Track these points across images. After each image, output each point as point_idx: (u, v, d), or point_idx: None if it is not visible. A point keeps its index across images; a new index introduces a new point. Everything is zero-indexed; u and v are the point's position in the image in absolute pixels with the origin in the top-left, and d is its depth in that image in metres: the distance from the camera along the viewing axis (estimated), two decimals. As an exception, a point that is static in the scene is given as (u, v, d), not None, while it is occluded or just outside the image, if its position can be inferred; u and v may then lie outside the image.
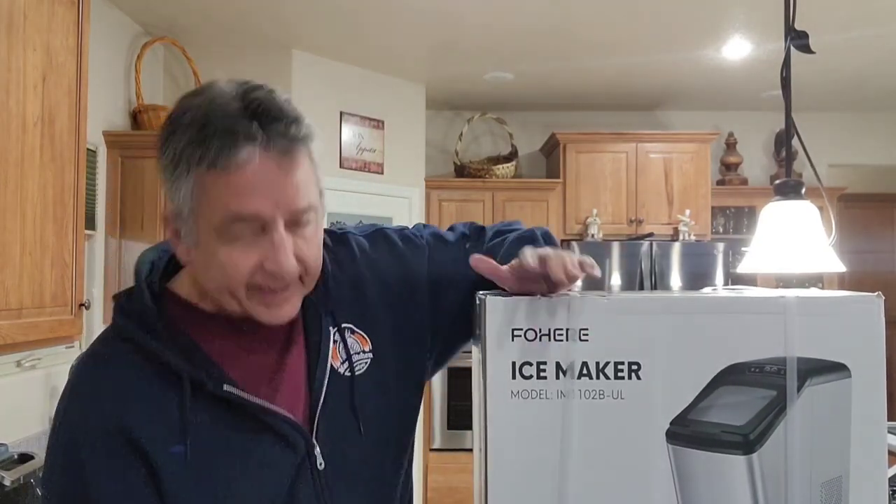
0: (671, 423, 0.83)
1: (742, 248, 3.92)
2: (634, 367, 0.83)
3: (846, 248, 5.72)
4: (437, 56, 4.01)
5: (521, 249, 0.85)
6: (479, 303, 0.87)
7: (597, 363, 0.83)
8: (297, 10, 3.32)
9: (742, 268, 1.74)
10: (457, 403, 4.41)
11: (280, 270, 0.83)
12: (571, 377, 0.83)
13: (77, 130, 2.02)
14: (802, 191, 1.68)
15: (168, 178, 0.83)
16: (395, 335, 1.01)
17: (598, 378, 0.83)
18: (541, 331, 0.83)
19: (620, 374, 0.83)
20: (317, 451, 0.90)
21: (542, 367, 0.83)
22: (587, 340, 0.83)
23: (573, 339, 0.83)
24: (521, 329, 0.83)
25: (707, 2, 3.19)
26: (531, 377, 0.83)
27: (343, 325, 0.97)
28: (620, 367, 0.83)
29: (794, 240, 1.63)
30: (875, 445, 0.84)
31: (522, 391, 0.83)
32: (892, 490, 1.84)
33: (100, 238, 3.08)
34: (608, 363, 0.83)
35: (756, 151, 5.16)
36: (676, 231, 4.52)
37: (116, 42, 3.27)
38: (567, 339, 0.83)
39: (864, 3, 3.19)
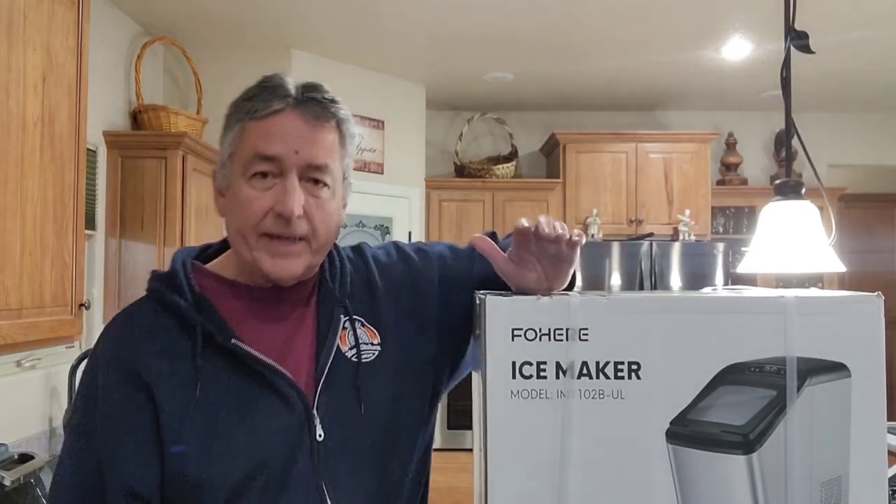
0: (671, 423, 0.83)
1: (742, 248, 3.92)
2: (634, 367, 0.83)
3: (846, 248, 5.72)
4: (437, 56, 4.01)
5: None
6: (479, 303, 0.87)
7: (597, 363, 0.83)
8: (297, 10, 3.32)
9: (742, 268, 1.74)
10: (457, 403, 4.40)
11: (286, 212, 0.91)
12: (571, 377, 0.83)
13: (77, 130, 2.02)
14: (802, 191, 1.68)
15: (223, 135, 0.98)
16: (405, 337, 1.05)
17: (598, 378, 0.83)
18: (541, 330, 0.83)
19: (620, 374, 0.83)
20: (317, 422, 0.94)
21: (542, 367, 0.83)
22: (587, 340, 0.83)
23: (573, 339, 0.83)
24: (521, 329, 0.83)
25: (707, 2, 3.19)
26: (531, 377, 0.83)
27: (354, 317, 1.02)
28: (620, 367, 0.83)
29: (794, 240, 1.63)
30: (875, 445, 0.84)
31: (522, 391, 0.83)
32: (892, 490, 1.84)
33: (100, 238, 3.08)
34: (608, 363, 0.83)
35: (756, 151, 5.16)
36: (676, 231, 4.52)
37: (116, 42, 3.27)
38: (567, 339, 0.83)
39: (864, 4, 3.19)
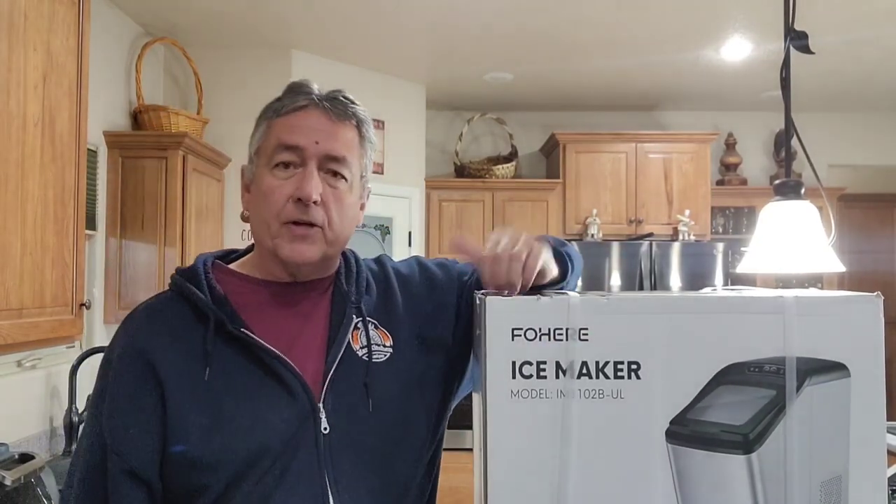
0: (671, 423, 0.83)
1: (741, 249, 3.92)
2: (634, 367, 0.83)
3: (846, 248, 5.72)
4: (437, 56, 4.01)
5: (491, 234, 0.95)
6: (480, 303, 0.87)
7: (596, 363, 0.83)
8: (297, 11, 3.32)
9: (742, 268, 1.74)
10: (457, 403, 4.40)
11: (304, 196, 0.97)
12: (571, 377, 0.83)
13: (77, 130, 2.02)
14: (802, 191, 1.68)
15: (252, 136, 1.05)
16: (419, 345, 1.06)
17: (598, 378, 0.83)
18: (541, 330, 0.83)
19: (620, 374, 0.83)
20: (322, 416, 0.96)
21: (542, 367, 0.83)
22: (587, 340, 0.83)
23: (573, 339, 0.83)
24: (521, 329, 0.83)
25: (707, 2, 3.19)
26: (531, 377, 0.83)
27: (368, 318, 1.05)
28: (620, 367, 0.83)
29: (794, 240, 1.63)
30: (874, 445, 0.84)
31: (522, 391, 0.83)
32: (892, 490, 1.84)
33: (100, 238, 3.08)
34: (608, 363, 0.83)
35: (756, 152, 5.16)
36: (676, 231, 4.52)
37: (117, 42, 3.27)
38: (567, 339, 0.83)
39: (864, 4, 3.19)
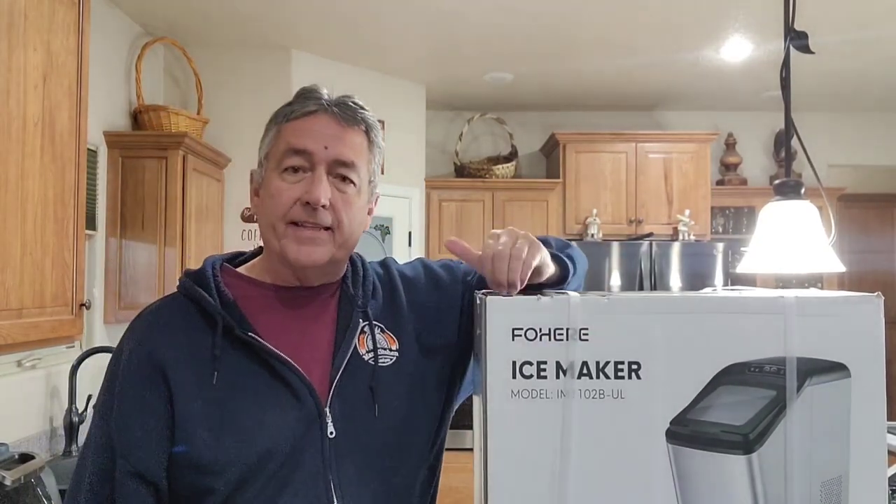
0: (671, 423, 0.83)
1: (741, 249, 3.92)
2: (634, 367, 0.83)
3: (846, 248, 5.73)
4: (437, 56, 4.01)
5: (490, 233, 0.95)
6: (480, 303, 0.87)
7: (597, 363, 0.83)
8: (297, 11, 3.32)
9: (741, 268, 1.74)
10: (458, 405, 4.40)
11: (313, 200, 0.98)
12: (571, 377, 0.83)
13: (77, 130, 2.01)
14: (802, 191, 1.68)
15: (261, 140, 1.06)
16: (424, 348, 1.07)
17: (598, 378, 0.83)
18: (541, 330, 0.83)
19: (620, 374, 0.83)
20: (328, 420, 0.96)
21: (543, 367, 0.83)
22: (587, 340, 0.83)
23: (573, 339, 0.83)
24: (521, 329, 0.83)
25: (707, 2, 3.19)
26: (531, 377, 0.83)
27: (374, 323, 1.06)
28: (620, 367, 0.83)
29: (794, 240, 1.63)
30: (875, 445, 0.84)
31: (522, 391, 0.83)
32: (892, 490, 1.84)
33: (100, 238, 3.08)
34: (608, 363, 0.83)
35: (756, 152, 5.16)
36: (676, 231, 4.52)
37: (117, 42, 3.27)
38: (567, 339, 0.83)
39: (864, 4, 3.19)
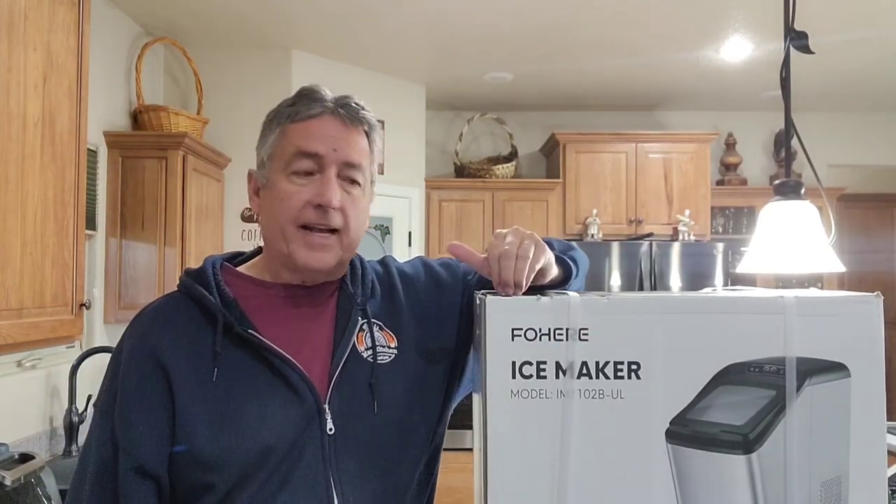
0: (671, 423, 0.83)
1: (741, 249, 3.92)
2: (634, 367, 0.83)
3: (846, 248, 5.73)
4: (437, 56, 4.01)
5: (495, 233, 0.95)
6: (480, 303, 0.87)
7: (596, 363, 0.83)
8: (297, 11, 3.32)
9: (741, 268, 1.74)
10: (456, 403, 4.40)
11: (325, 202, 0.99)
12: (571, 377, 0.83)
13: (77, 130, 2.02)
14: (802, 191, 1.68)
15: (262, 139, 1.06)
16: (423, 344, 1.07)
17: (598, 378, 0.83)
18: (541, 330, 0.83)
19: (620, 374, 0.83)
20: (327, 416, 0.97)
21: (542, 367, 0.83)
22: (587, 340, 0.83)
23: (573, 339, 0.83)
24: (521, 329, 0.83)
25: (707, 2, 3.19)
26: (531, 377, 0.83)
27: (373, 320, 1.06)
28: (620, 367, 0.83)
29: (794, 240, 1.63)
30: (875, 445, 0.84)
31: (522, 391, 0.83)
32: (892, 490, 1.84)
33: (100, 238, 3.08)
34: (608, 363, 0.83)
35: (755, 152, 5.16)
36: (676, 231, 4.52)
37: (117, 42, 3.27)
38: (567, 339, 0.83)
39: (864, 4, 3.19)
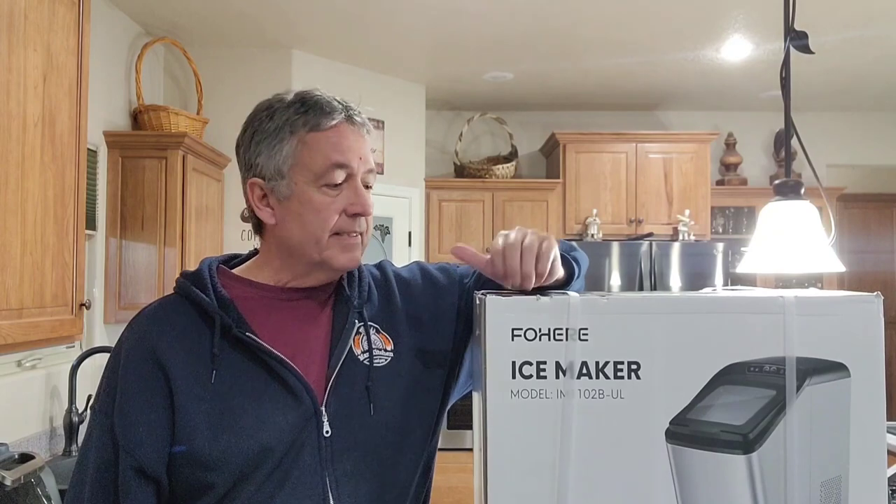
0: (671, 423, 0.83)
1: (741, 248, 3.92)
2: (634, 367, 0.83)
3: (846, 248, 5.73)
4: (437, 56, 4.01)
5: (499, 233, 0.97)
6: (480, 303, 0.87)
7: (596, 363, 0.83)
8: (298, 11, 3.32)
9: (741, 268, 1.74)
10: (457, 403, 4.40)
11: (364, 211, 1.03)
12: (571, 377, 0.83)
13: (77, 130, 2.02)
14: (802, 191, 1.68)
15: (268, 146, 1.03)
16: (420, 347, 1.08)
17: (598, 378, 0.83)
18: (541, 330, 0.83)
19: (620, 374, 0.83)
20: (324, 419, 0.98)
21: (542, 367, 0.83)
22: (587, 340, 0.83)
23: (573, 339, 0.83)
24: (521, 329, 0.83)
25: (707, 2, 3.19)
26: (531, 377, 0.83)
27: (370, 323, 1.07)
28: (620, 367, 0.84)
29: (794, 240, 1.63)
30: (874, 445, 0.84)
31: (522, 391, 0.83)
32: (892, 490, 1.84)
33: (100, 238, 3.08)
34: (608, 363, 0.84)
35: (755, 151, 5.16)
36: (676, 231, 4.52)
37: (117, 42, 3.27)
38: (567, 339, 0.83)
39: (864, 4, 3.19)
